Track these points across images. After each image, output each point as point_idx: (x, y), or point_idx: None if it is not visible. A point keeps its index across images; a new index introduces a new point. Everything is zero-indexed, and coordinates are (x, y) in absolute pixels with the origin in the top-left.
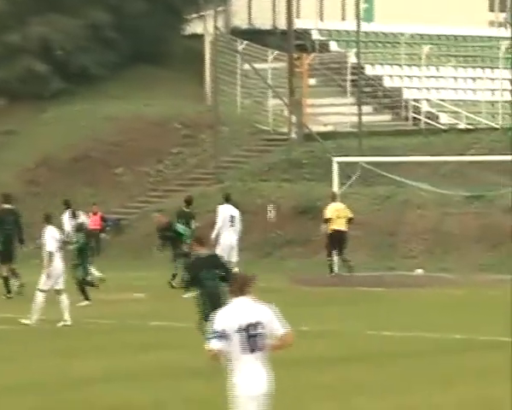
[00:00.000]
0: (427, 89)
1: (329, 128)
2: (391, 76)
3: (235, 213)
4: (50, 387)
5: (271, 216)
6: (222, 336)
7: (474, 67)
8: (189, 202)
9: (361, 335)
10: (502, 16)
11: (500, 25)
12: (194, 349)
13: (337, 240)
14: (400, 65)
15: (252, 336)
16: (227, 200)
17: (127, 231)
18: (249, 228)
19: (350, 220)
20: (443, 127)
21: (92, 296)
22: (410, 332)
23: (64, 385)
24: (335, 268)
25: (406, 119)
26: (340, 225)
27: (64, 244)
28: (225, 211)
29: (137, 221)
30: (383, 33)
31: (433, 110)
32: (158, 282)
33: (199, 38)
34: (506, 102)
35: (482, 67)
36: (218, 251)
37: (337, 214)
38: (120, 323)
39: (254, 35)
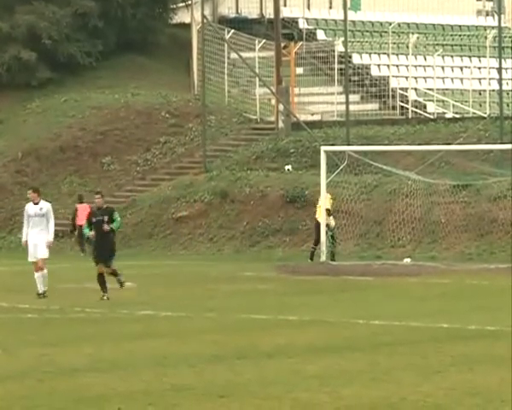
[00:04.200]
0: (415, 78)
1: (317, 117)
2: (378, 65)
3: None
4: (38, 376)
5: None
6: None
7: (461, 57)
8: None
9: (349, 324)
10: (489, 5)
11: (487, 14)
12: (182, 338)
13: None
14: (388, 54)
15: None
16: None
17: None
18: (237, 217)
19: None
20: (430, 116)
21: (80, 285)
22: (398, 321)
23: (52, 374)
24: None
25: (394, 108)
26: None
27: None
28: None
29: (125, 210)
30: (370, 22)
31: (421, 99)
32: (147, 271)
33: (186, 26)
34: (493, 91)
35: (470, 57)
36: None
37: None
38: (109, 312)
39: (241, 24)
